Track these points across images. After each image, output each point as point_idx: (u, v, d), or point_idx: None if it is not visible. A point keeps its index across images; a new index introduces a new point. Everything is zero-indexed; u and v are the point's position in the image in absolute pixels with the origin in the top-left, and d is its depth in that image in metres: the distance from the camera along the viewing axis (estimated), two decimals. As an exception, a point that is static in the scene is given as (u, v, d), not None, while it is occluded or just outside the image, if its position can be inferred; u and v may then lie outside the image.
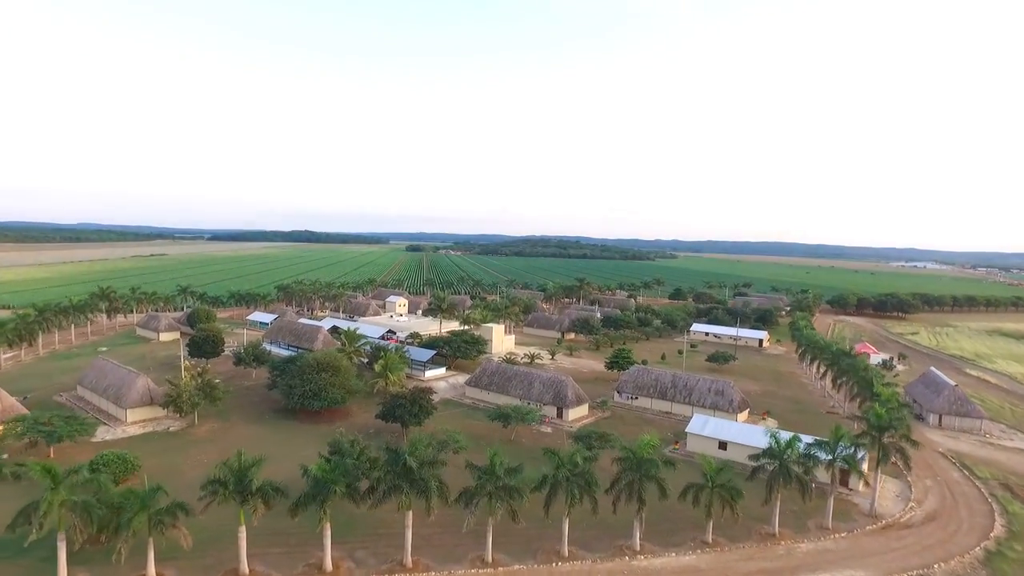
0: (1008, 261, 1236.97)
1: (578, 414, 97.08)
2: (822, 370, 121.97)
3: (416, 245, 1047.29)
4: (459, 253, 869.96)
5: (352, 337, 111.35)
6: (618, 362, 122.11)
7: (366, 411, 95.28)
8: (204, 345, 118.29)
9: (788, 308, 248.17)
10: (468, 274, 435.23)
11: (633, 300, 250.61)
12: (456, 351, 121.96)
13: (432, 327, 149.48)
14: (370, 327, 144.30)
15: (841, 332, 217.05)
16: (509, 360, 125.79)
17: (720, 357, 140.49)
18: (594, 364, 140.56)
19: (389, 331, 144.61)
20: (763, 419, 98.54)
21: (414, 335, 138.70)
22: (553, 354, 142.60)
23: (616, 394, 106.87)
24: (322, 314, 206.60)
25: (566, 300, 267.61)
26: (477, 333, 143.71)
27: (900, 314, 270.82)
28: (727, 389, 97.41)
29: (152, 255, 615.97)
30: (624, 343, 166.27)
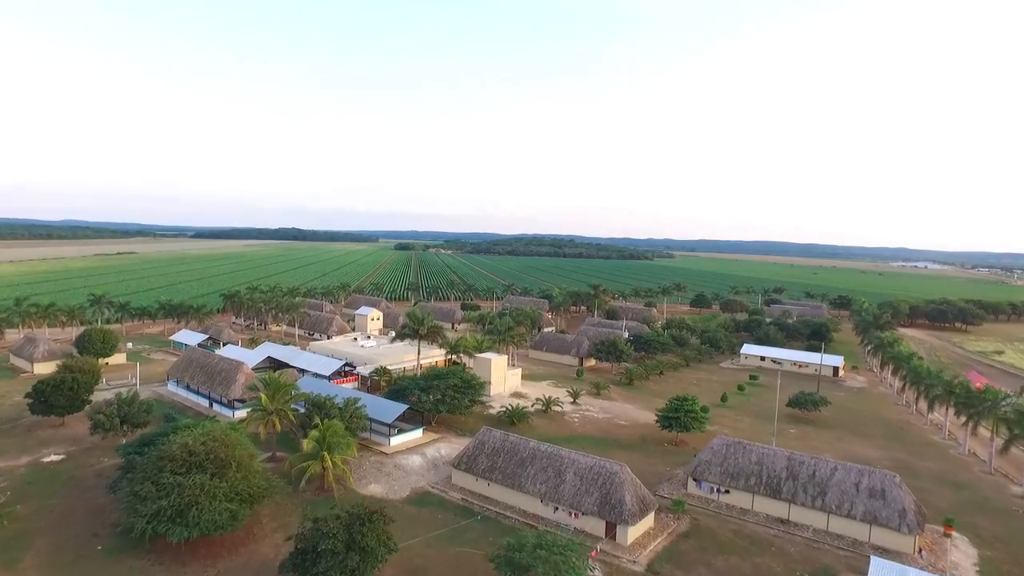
0: (1000, 261, 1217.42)
1: (642, 530, 57.61)
2: (964, 423, 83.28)
3: (405, 243, 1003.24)
4: (450, 252, 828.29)
5: (278, 388, 71.11)
6: (678, 419, 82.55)
7: (285, 527, 55.74)
8: (54, 395, 77.66)
9: (834, 318, 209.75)
10: (460, 276, 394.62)
11: (655, 311, 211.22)
12: (439, 402, 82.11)
13: (409, 356, 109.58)
14: (320, 359, 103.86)
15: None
16: (514, 414, 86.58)
17: (806, 400, 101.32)
18: (633, 411, 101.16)
19: (346, 364, 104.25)
20: (947, 535, 59.44)
21: (381, 371, 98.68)
22: (575, 396, 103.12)
23: (692, 483, 67.47)
24: (278, 328, 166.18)
25: (573, 309, 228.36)
26: (470, 365, 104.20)
27: (963, 325, 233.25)
28: (890, 487, 57.95)
29: (119, 253, 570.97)
30: (661, 373, 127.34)
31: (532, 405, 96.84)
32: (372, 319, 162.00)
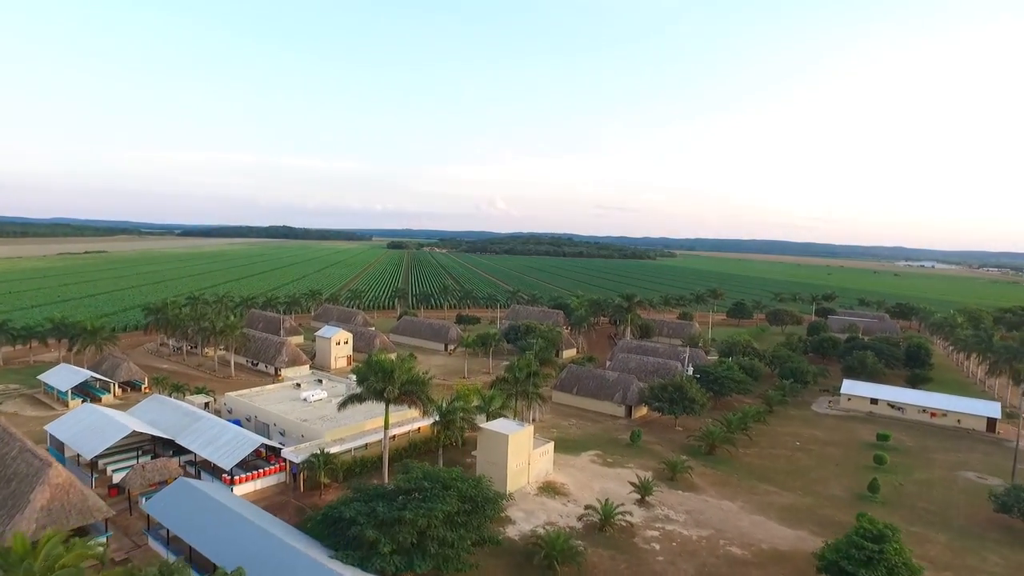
0: (999, 260, 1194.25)
1: None
2: None
3: (398, 242, 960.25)
4: (444, 251, 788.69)
5: None
6: (862, 564, 42.63)
7: None
8: None
9: (917, 336, 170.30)
10: (455, 278, 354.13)
11: (696, 326, 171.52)
12: (419, 549, 42.03)
13: (372, 422, 69.23)
14: (225, 431, 62.67)
15: None
16: (553, 546, 47.20)
17: (1030, 502, 61.10)
18: (739, 516, 61.27)
19: (265, 446, 63.37)
20: None
21: (320, 460, 57.98)
22: (645, 490, 63.16)
23: None
24: (212, 354, 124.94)
25: (594, 322, 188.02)
26: (471, 432, 64.32)
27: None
28: None
29: (86, 252, 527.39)
30: (747, 429, 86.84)
31: (580, 518, 57.11)
32: (337, 343, 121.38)
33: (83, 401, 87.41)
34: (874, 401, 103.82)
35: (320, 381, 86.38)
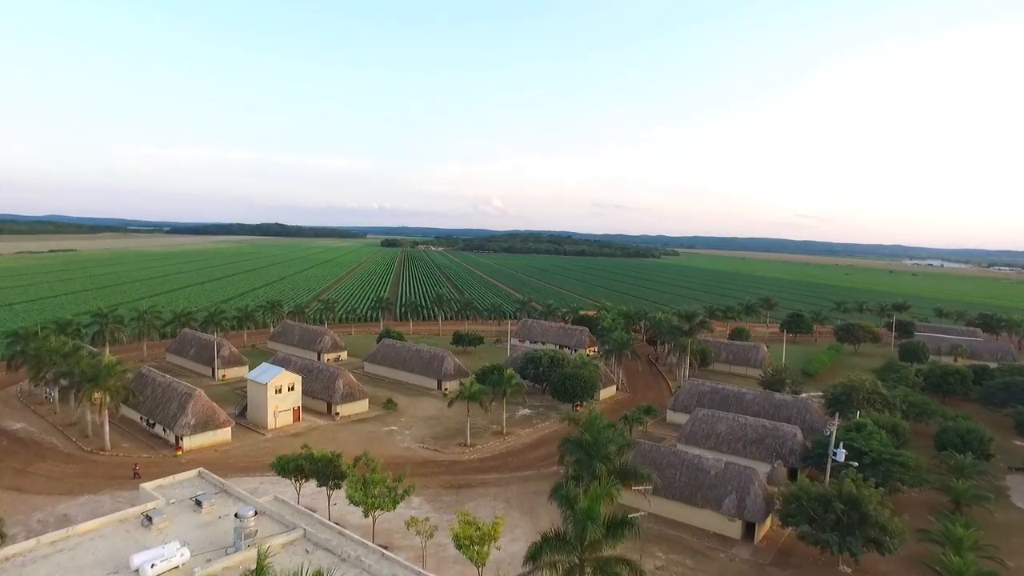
0: (1000, 259, 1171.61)
1: None
2: None
3: (392, 240, 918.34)
4: (440, 249, 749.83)
5: None
6: None
7: None
8: None
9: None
10: (453, 282, 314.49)
11: (764, 349, 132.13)
12: None
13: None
14: None
15: None
16: None
17: None
18: None
19: None
20: None
21: None
22: None
23: None
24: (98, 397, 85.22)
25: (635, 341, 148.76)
26: None
27: None
28: None
29: (51, 251, 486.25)
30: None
31: None
32: (277, 390, 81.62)
33: None
34: (1125, 497, 64.85)
35: (199, 505, 45.13)
